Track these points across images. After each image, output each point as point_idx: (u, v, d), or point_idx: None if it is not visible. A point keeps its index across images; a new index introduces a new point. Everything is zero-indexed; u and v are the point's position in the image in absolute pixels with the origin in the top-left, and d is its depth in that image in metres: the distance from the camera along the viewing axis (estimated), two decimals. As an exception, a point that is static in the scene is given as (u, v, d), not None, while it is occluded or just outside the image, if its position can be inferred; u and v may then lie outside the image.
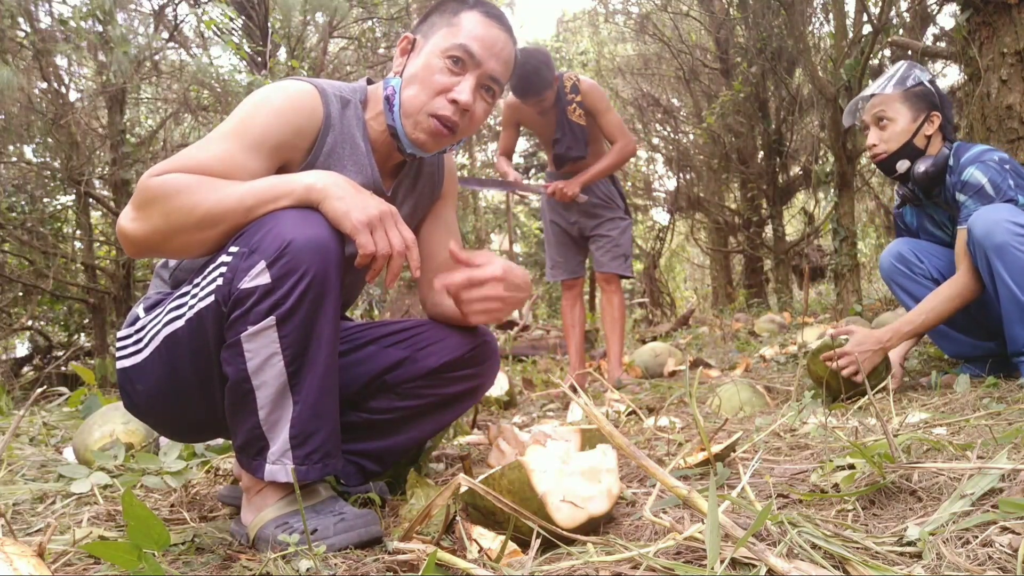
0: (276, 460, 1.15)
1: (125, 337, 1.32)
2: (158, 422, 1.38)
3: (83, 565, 1.08)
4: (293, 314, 1.10)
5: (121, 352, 1.32)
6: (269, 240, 1.10)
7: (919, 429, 1.62)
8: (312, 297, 1.11)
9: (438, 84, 1.32)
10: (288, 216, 1.12)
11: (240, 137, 1.22)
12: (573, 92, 3.35)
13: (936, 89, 2.32)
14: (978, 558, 0.83)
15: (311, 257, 1.10)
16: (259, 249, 1.10)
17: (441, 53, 1.32)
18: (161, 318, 1.25)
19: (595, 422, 1.02)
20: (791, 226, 11.67)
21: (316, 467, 1.17)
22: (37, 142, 6.56)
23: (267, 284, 1.09)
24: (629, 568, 0.90)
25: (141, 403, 1.32)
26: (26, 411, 1.39)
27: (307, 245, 1.09)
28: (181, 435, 1.49)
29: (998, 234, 2.03)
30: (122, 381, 1.32)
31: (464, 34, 1.32)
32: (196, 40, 8.53)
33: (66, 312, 7.72)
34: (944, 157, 2.28)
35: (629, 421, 2.20)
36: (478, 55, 1.32)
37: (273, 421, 1.15)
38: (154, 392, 1.28)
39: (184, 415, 1.32)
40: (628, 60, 11.71)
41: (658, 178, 13.29)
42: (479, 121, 1.38)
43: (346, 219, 1.13)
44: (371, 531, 1.12)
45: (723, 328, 6.00)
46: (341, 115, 1.35)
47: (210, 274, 1.16)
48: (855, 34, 5.91)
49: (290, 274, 1.09)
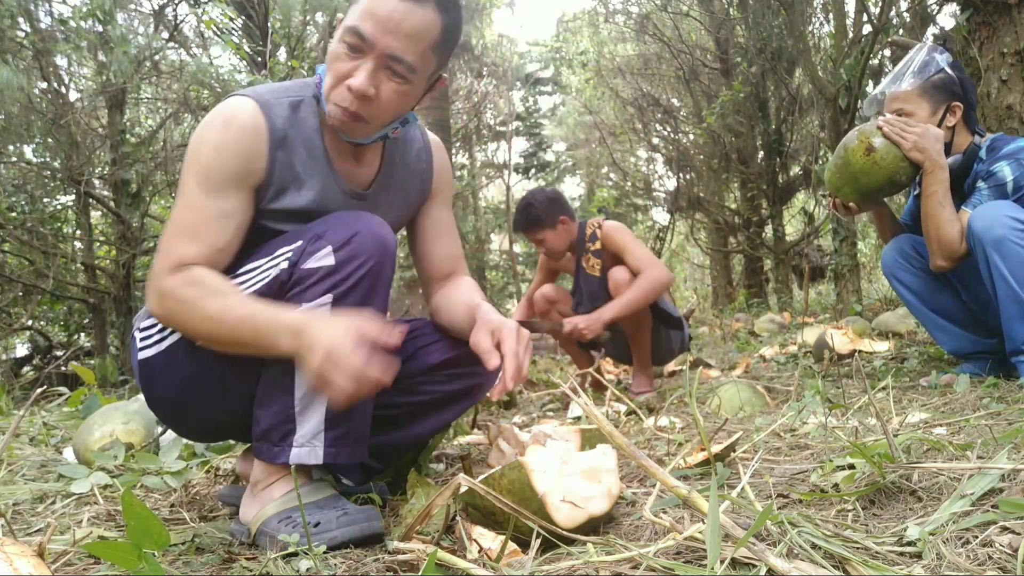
0: (305, 443, 1.18)
1: (150, 326, 1.28)
2: (176, 417, 1.36)
3: (83, 565, 1.08)
4: (348, 295, 1.18)
5: (144, 342, 1.28)
6: (337, 229, 1.19)
7: (919, 429, 1.61)
8: (368, 283, 1.19)
9: (340, 71, 1.22)
10: (355, 214, 1.23)
11: (204, 188, 1.21)
12: (591, 240, 3.07)
13: (959, 75, 2.28)
14: (978, 558, 0.83)
15: (373, 247, 1.19)
16: (326, 236, 1.18)
17: (340, 38, 1.22)
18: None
19: (595, 422, 1.02)
20: (791, 226, 11.67)
21: (345, 450, 1.21)
22: (37, 142, 6.56)
23: (331, 265, 1.17)
24: (629, 568, 0.90)
25: (166, 393, 1.30)
26: (26, 411, 1.39)
27: (371, 237, 1.19)
28: (196, 432, 1.44)
29: (997, 228, 2.03)
30: (145, 373, 1.29)
31: (359, 14, 1.19)
32: (196, 40, 8.53)
33: (66, 312, 7.71)
34: (972, 153, 2.27)
35: (629, 421, 2.20)
36: (370, 36, 1.18)
37: (307, 402, 1.18)
38: (183, 381, 1.27)
39: (206, 408, 1.30)
40: (628, 60, 11.71)
41: (658, 178, 13.30)
42: (392, 104, 1.25)
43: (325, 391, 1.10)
44: (373, 526, 1.13)
45: (723, 328, 6.00)
46: (291, 121, 1.28)
47: (272, 259, 1.21)
48: (855, 34, 5.91)
49: (353, 259, 1.17)
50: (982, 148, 2.26)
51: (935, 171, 2.18)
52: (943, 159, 2.18)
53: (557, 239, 3.09)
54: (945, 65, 2.27)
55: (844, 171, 2.30)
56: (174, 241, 1.21)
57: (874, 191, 2.29)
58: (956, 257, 2.19)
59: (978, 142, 2.28)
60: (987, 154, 2.24)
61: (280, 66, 7.53)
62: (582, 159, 16.07)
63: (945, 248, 2.19)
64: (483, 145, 16.61)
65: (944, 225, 2.18)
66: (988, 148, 2.25)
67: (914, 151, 2.18)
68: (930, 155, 2.17)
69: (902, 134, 2.20)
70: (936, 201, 2.18)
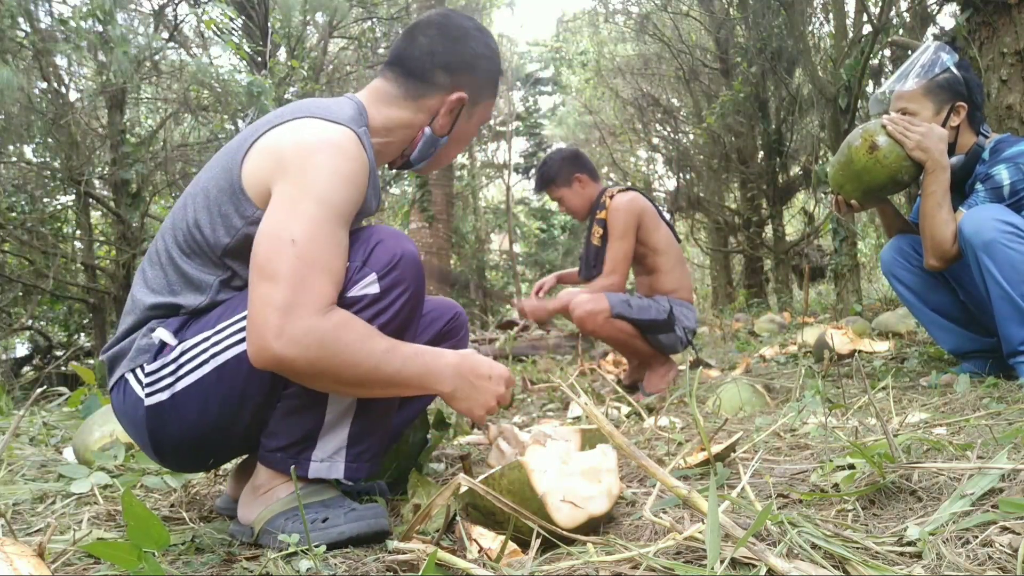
0: (326, 458, 1.19)
1: (158, 369, 1.19)
2: (180, 459, 1.28)
3: (83, 565, 1.08)
4: (391, 324, 1.20)
5: (152, 387, 1.19)
6: (380, 253, 1.19)
7: (919, 429, 1.61)
8: (409, 309, 1.22)
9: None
10: (387, 232, 1.24)
11: (335, 221, 1.16)
12: (600, 208, 3.04)
13: (964, 74, 2.27)
14: (978, 558, 0.83)
15: (414, 272, 1.22)
16: (370, 262, 1.19)
17: (478, 123, 1.48)
18: (217, 340, 1.18)
19: (595, 422, 1.02)
20: (791, 226, 11.67)
21: (364, 466, 1.23)
22: (37, 142, 6.55)
23: (376, 294, 1.18)
24: (629, 568, 0.90)
25: (176, 436, 1.21)
26: (26, 411, 1.39)
27: (412, 261, 1.22)
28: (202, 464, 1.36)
29: (986, 231, 2.03)
30: (153, 420, 1.19)
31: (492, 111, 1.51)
32: (196, 40, 8.54)
33: (66, 312, 7.71)
34: (975, 153, 2.27)
35: (629, 421, 2.20)
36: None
37: (333, 424, 1.20)
38: (195, 423, 1.19)
39: (224, 439, 1.24)
40: (628, 60, 11.70)
41: (658, 178, 13.30)
42: None
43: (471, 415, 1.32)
44: (380, 523, 1.15)
45: (723, 328, 6.00)
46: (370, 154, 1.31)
47: None
48: (855, 34, 5.91)
49: (396, 286, 1.19)
50: (985, 149, 2.26)
51: (936, 171, 2.18)
52: (945, 159, 2.18)
53: (575, 197, 3.08)
54: (951, 65, 2.26)
55: (847, 168, 2.30)
56: (315, 277, 1.11)
57: (876, 189, 2.29)
58: (948, 258, 2.19)
59: (982, 143, 2.28)
60: (990, 156, 2.24)
61: (280, 66, 7.53)
62: (582, 159, 16.04)
63: (938, 248, 2.20)
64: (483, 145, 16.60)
65: (939, 226, 2.18)
66: (991, 149, 2.25)
67: (917, 150, 2.18)
68: (932, 155, 2.17)
69: (906, 133, 2.20)
70: (935, 201, 2.19)
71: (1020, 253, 2.01)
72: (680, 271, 3.10)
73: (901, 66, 2.40)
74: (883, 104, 2.43)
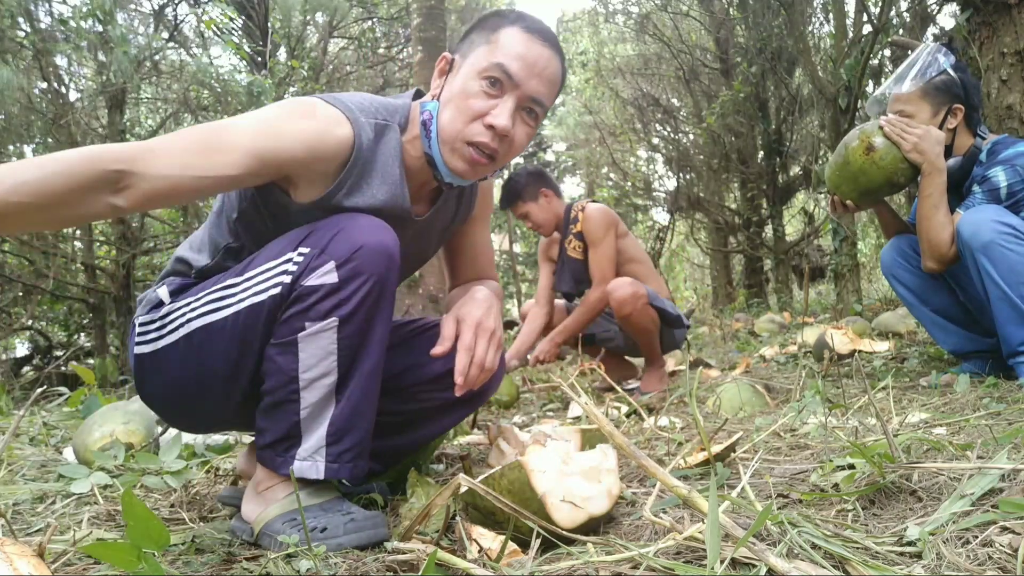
0: (307, 457, 1.17)
1: (148, 323, 1.27)
2: (170, 413, 1.36)
3: (83, 565, 1.07)
4: (354, 316, 1.14)
5: (141, 338, 1.27)
6: (340, 242, 1.13)
7: (919, 429, 1.61)
8: (372, 300, 1.15)
9: (475, 108, 1.21)
10: (359, 220, 1.15)
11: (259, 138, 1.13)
12: (574, 222, 3.07)
13: (962, 76, 2.27)
14: (978, 558, 0.83)
15: (377, 262, 1.14)
16: (328, 250, 1.13)
17: (478, 74, 1.21)
18: (195, 307, 1.22)
19: (595, 422, 1.02)
20: (791, 226, 11.67)
21: (347, 466, 1.19)
22: (37, 142, 6.55)
23: (334, 283, 1.12)
24: (629, 568, 0.90)
25: (156, 392, 1.30)
26: (26, 411, 1.39)
27: (376, 250, 1.13)
28: (191, 426, 1.44)
29: (984, 233, 2.04)
30: (138, 368, 1.29)
31: (502, 52, 1.21)
32: (196, 40, 8.53)
33: (66, 312, 7.71)
34: (973, 155, 2.27)
35: (629, 421, 2.20)
36: (516, 75, 1.20)
37: (311, 419, 1.17)
38: (172, 382, 1.26)
39: (200, 407, 1.30)
40: (628, 60, 11.70)
41: (658, 178, 13.29)
42: (520, 146, 1.28)
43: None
44: (379, 533, 1.13)
45: (723, 328, 6.00)
46: (375, 145, 1.25)
47: (271, 270, 1.17)
48: (855, 34, 5.91)
49: (357, 276, 1.13)
50: (983, 151, 2.26)
51: (933, 174, 2.18)
52: (942, 162, 2.18)
53: (541, 212, 3.12)
54: (948, 67, 2.26)
55: (844, 169, 2.31)
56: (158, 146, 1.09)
57: (872, 190, 2.29)
58: (945, 261, 2.20)
59: (979, 144, 2.28)
60: (987, 157, 2.24)
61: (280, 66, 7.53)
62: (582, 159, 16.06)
63: (935, 251, 2.20)
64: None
65: (936, 228, 2.18)
66: (989, 151, 2.25)
67: (913, 152, 2.18)
68: (929, 157, 2.17)
69: (903, 135, 2.20)
70: (931, 204, 2.19)
71: (1018, 254, 2.01)
72: (657, 281, 3.17)
73: (899, 67, 2.40)
74: (881, 105, 2.43)
